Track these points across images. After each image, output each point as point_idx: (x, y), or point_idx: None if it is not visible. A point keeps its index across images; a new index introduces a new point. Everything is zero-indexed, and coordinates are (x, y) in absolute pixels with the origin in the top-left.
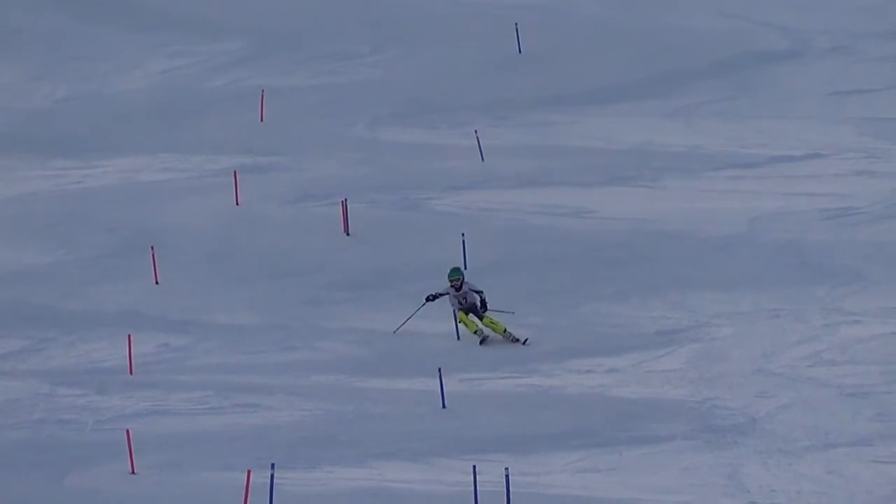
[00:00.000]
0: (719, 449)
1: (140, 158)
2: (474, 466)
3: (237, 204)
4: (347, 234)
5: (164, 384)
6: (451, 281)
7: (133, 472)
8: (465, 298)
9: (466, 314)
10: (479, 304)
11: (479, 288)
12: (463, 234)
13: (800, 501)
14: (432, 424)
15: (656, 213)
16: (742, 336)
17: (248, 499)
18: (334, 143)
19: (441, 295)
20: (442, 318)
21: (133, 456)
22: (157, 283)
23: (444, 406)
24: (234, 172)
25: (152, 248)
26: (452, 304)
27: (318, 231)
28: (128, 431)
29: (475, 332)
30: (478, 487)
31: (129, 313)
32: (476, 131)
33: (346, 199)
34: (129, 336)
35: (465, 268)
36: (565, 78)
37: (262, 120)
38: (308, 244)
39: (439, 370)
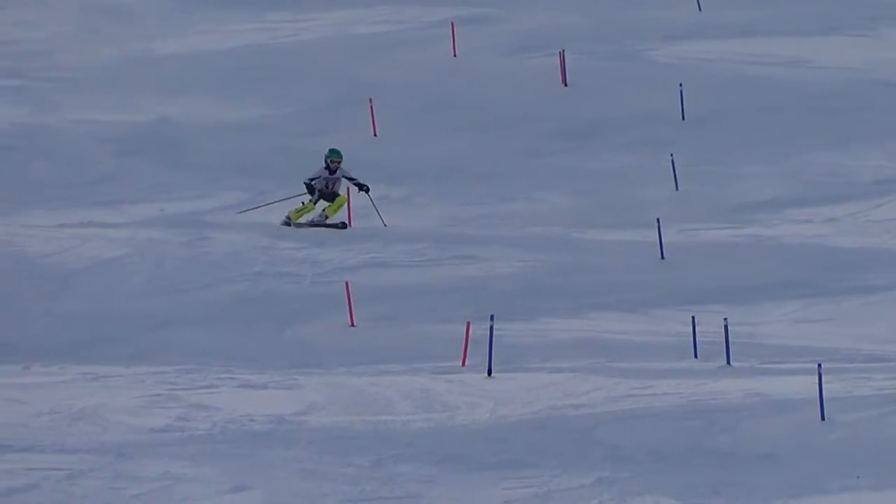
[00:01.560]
0: None
1: (355, 10)
2: (693, 317)
3: (454, 56)
4: (565, 85)
5: (382, 236)
6: (329, 162)
7: (352, 325)
8: (333, 184)
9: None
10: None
11: (353, 175)
12: (681, 85)
13: None
14: (650, 275)
15: (873, 61)
16: None
17: (467, 349)
18: None
19: (314, 179)
20: (658, 170)
21: (352, 308)
22: (375, 134)
23: (662, 257)
24: (451, 24)
25: (370, 99)
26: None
27: (535, 82)
28: (347, 284)
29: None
30: (696, 338)
31: (348, 165)
32: None
33: (563, 50)
34: (349, 188)
35: (683, 118)
36: None
37: None
38: (525, 95)
39: (657, 220)
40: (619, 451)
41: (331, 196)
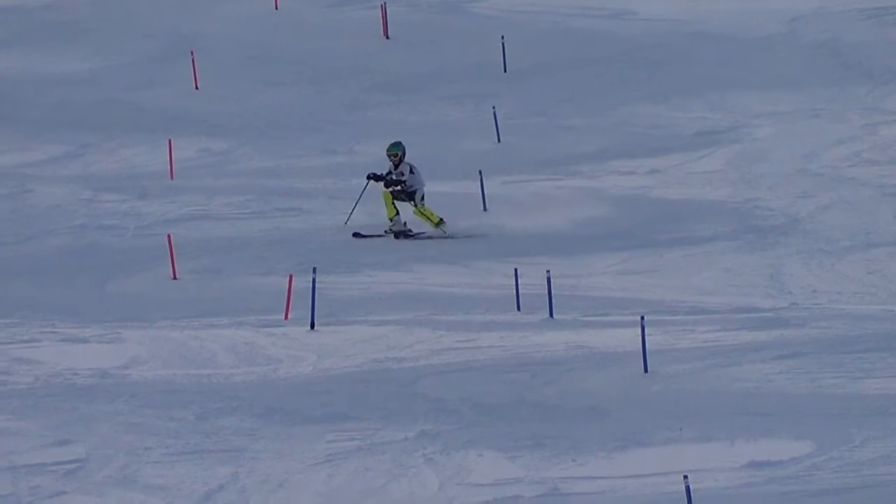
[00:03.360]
0: (761, 249)
1: None
2: (515, 269)
3: (276, 8)
4: (387, 38)
5: (204, 189)
6: (389, 156)
7: (175, 278)
8: (404, 181)
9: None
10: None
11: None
12: (503, 37)
13: (841, 301)
14: (473, 227)
15: (696, 13)
16: (782, 136)
17: (290, 303)
18: None
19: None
20: (481, 123)
21: (174, 261)
22: (196, 87)
23: (484, 209)
24: None
25: (192, 52)
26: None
27: (357, 34)
28: (169, 236)
29: (390, 219)
30: (519, 290)
31: (170, 118)
32: None
33: (385, 2)
34: (170, 141)
35: (505, 70)
36: None
37: None
38: (348, 48)
39: (480, 172)
40: (442, 403)
41: (409, 196)
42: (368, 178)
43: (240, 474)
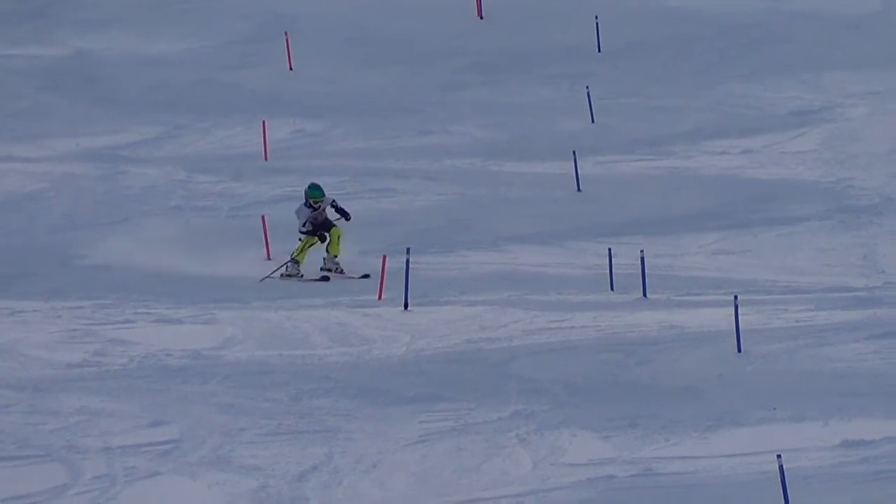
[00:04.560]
0: (854, 229)
1: None
2: (609, 249)
3: None
4: (481, 18)
5: (299, 170)
6: (312, 202)
7: (269, 258)
8: (321, 215)
9: (312, 238)
10: (335, 211)
11: (339, 205)
12: (597, 17)
13: None
14: (567, 207)
15: None
16: (876, 115)
17: (384, 283)
18: None
19: (305, 223)
20: (575, 103)
21: (269, 242)
22: (291, 68)
23: (578, 189)
24: None
25: (286, 33)
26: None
27: (451, 15)
28: (263, 217)
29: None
30: (613, 270)
31: (265, 99)
32: None
33: None
34: (264, 122)
35: (599, 50)
36: None
37: None
38: (441, 29)
39: (573, 153)
40: (535, 384)
41: (323, 227)
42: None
43: (334, 455)
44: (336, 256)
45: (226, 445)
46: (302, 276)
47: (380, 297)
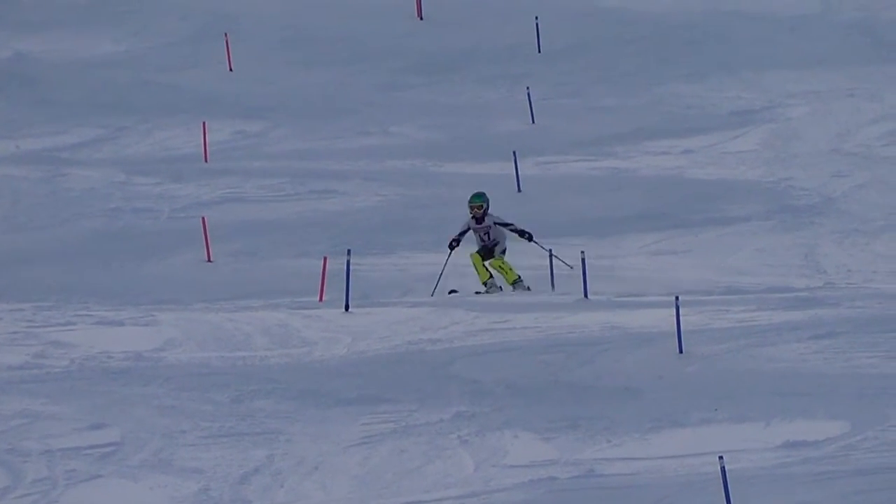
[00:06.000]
0: (795, 229)
1: None
2: (550, 250)
3: None
4: (421, 18)
5: (239, 171)
6: (471, 208)
7: (209, 260)
8: (488, 234)
9: (483, 257)
10: (516, 234)
11: (507, 220)
12: (537, 18)
13: (876, 281)
14: (507, 208)
15: None
16: (817, 115)
17: (325, 284)
18: None
19: (463, 233)
20: (515, 104)
21: (209, 244)
22: (230, 69)
23: (519, 190)
24: None
25: (226, 34)
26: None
27: (391, 15)
28: (203, 219)
29: (484, 283)
30: (554, 271)
31: (204, 100)
32: None
33: None
34: (204, 123)
35: (539, 51)
36: None
37: None
38: (381, 29)
39: (514, 154)
40: (477, 385)
41: (490, 252)
42: (451, 246)
43: (275, 457)
44: (517, 280)
45: (167, 448)
46: (500, 288)
47: (321, 299)
